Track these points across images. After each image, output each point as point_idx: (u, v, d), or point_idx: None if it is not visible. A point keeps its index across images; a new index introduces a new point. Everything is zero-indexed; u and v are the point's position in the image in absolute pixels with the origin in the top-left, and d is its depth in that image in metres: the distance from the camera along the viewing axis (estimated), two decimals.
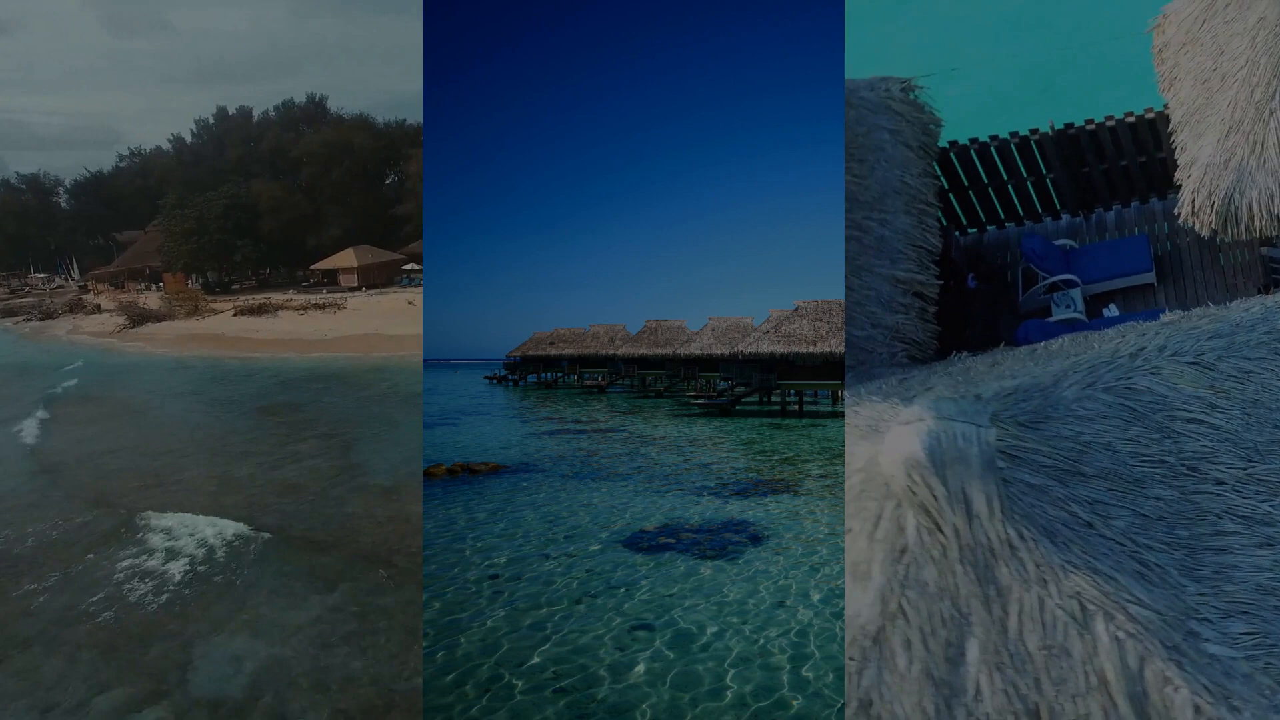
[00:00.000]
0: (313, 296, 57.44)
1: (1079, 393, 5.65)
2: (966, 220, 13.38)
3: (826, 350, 39.60)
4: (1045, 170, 12.82)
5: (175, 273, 66.37)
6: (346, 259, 63.04)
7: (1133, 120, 12.19)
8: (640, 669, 9.24)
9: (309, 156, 67.74)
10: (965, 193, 13.12)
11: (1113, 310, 12.03)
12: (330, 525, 14.68)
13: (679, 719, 8.19)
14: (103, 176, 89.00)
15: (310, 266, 65.60)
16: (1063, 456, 5.25)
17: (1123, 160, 12.53)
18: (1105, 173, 12.71)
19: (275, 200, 64.93)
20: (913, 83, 11.70)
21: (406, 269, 64.11)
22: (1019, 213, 13.30)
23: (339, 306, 53.04)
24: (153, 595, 11.81)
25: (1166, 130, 10.96)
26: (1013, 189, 13.06)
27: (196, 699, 9.10)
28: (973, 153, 12.73)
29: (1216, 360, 6.00)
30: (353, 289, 60.50)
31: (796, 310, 42.96)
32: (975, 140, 12.69)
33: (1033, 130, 12.57)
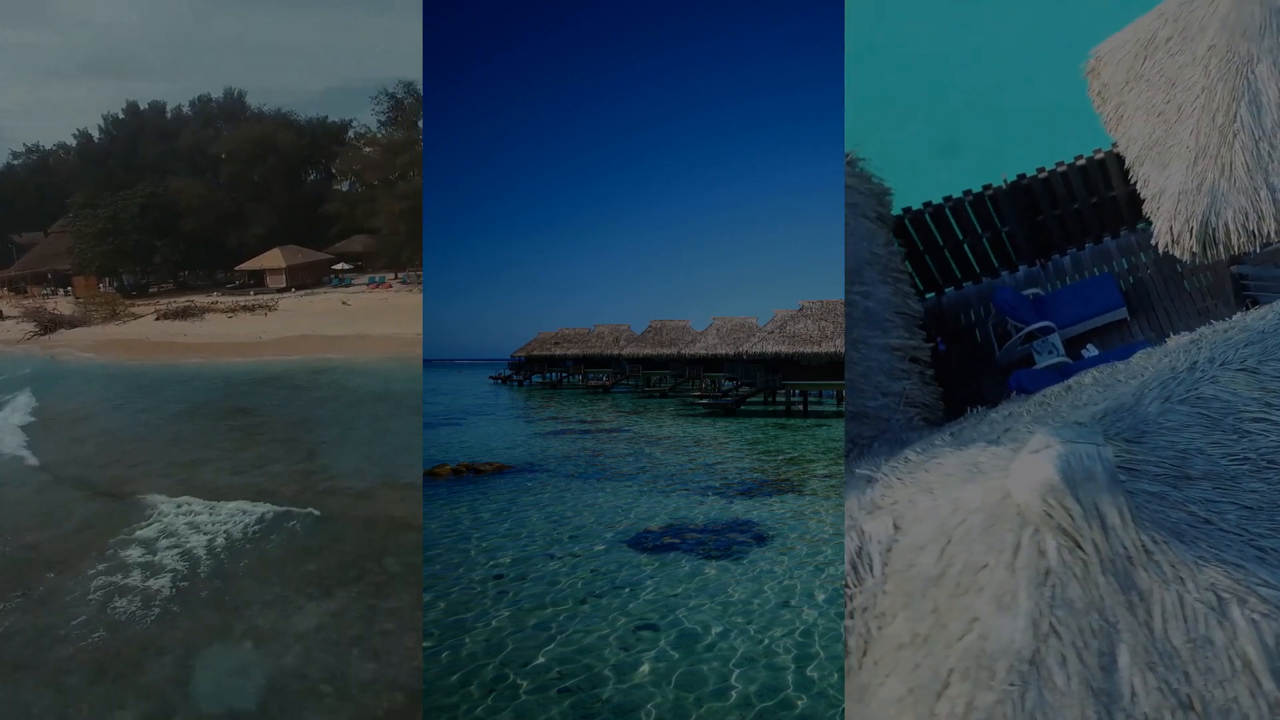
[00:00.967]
0: (240, 298, 55.31)
1: (1160, 407, 6.16)
2: (923, 285, 13.22)
3: (831, 350, 39.64)
4: (1000, 224, 12.82)
5: (87, 276, 62.96)
6: (274, 259, 60.79)
7: (1083, 163, 12.34)
8: (645, 669, 9.28)
9: (229, 154, 65.17)
10: (920, 258, 12.99)
11: (1092, 350, 12.09)
12: (313, 531, 14.08)
13: (684, 719, 8.19)
14: None
15: (235, 267, 63.06)
16: (1169, 464, 5.73)
17: (1074, 203, 12.67)
18: (1059, 218, 12.82)
19: (196, 199, 62.25)
20: (854, 155, 11.67)
21: (336, 269, 62.32)
22: (975, 270, 13.24)
23: (269, 308, 51.17)
24: (142, 609, 11.10)
25: (1121, 169, 11.14)
26: (968, 247, 13.02)
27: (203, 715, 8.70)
28: (927, 216, 12.68)
29: (1258, 365, 6.46)
30: (281, 290, 58.40)
31: (801, 310, 43.19)
32: (929, 204, 12.64)
33: (986, 186, 12.60)
